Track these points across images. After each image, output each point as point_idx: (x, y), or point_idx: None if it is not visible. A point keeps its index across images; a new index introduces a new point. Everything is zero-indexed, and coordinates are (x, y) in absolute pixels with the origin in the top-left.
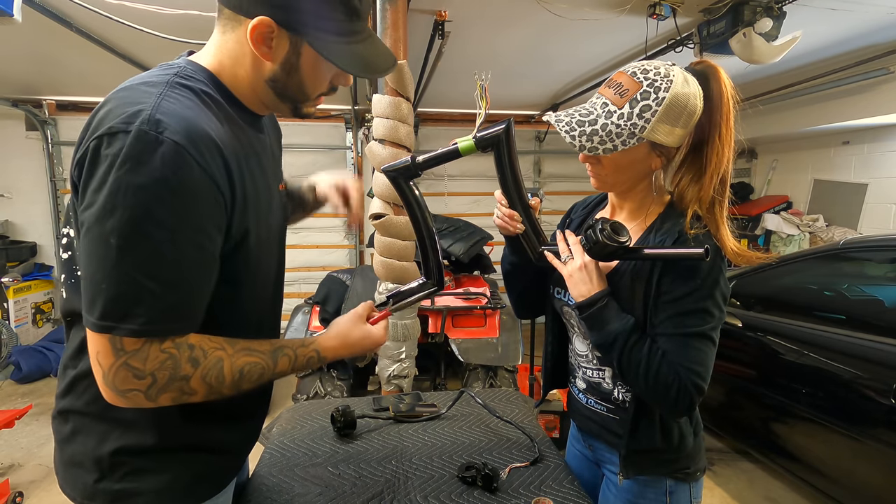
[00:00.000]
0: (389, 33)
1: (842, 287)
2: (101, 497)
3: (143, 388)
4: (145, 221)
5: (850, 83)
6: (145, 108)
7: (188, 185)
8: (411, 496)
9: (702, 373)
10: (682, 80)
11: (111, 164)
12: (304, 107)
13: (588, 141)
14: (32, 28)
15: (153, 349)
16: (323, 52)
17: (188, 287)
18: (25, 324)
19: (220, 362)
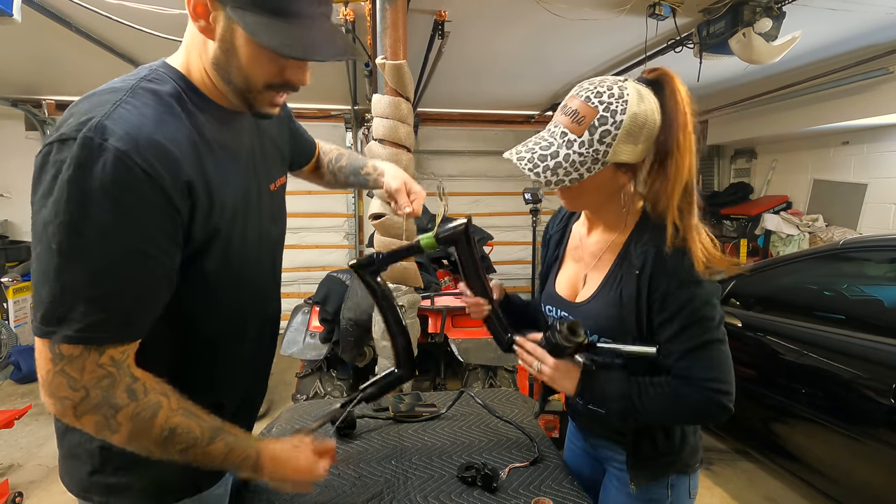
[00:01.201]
0: (389, 33)
1: (841, 287)
2: (95, 490)
3: (75, 400)
4: (86, 227)
5: (850, 83)
6: (96, 116)
7: (132, 192)
8: (411, 496)
9: (721, 377)
10: (636, 97)
11: (57, 170)
12: (253, 100)
13: (553, 175)
14: (32, 28)
15: (90, 360)
16: (246, 27)
17: (130, 294)
18: (25, 324)
19: (156, 408)
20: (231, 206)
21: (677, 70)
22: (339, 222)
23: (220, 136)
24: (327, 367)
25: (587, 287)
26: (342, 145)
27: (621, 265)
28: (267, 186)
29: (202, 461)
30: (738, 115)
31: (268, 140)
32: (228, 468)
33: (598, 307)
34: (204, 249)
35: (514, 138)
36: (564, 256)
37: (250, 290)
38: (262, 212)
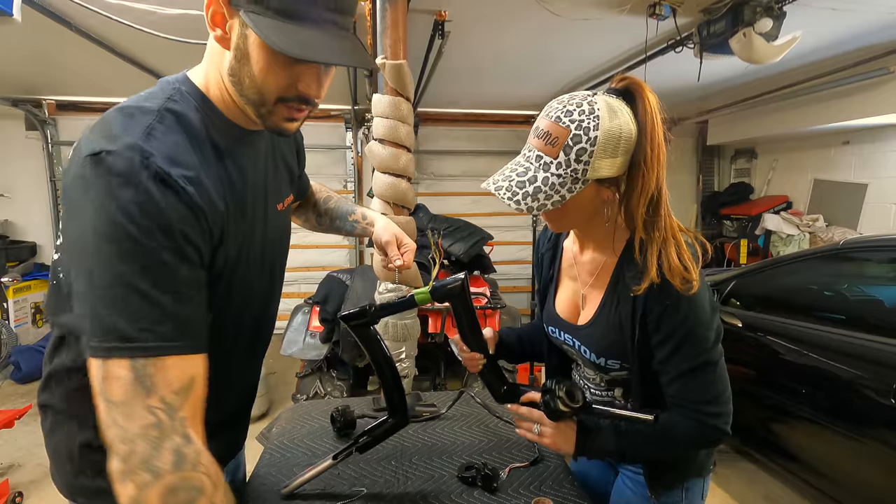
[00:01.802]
0: (389, 33)
1: (842, 287)
2: (81, 493)
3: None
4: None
5: (850, 83)
6: (134, 137)
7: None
8: (411, 496)
9: (714, 399)
10: (607, 111)
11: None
12: (267, 115)
13: (534, 201)
14: (32, 28)
15: (139, 403)
16: (256, 28)
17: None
18: (25, 324)
19: (198, 494)
20: (241, 231)
21: (678, 70)
22: None
23: (238, 161)
24: (327, 367)
25: (587, 308)
26: (342, 145)
27: (616, 286)
28: (274, 206)
29: None
30: (739, 115)
31: (280, 159)
32: None
33: (600, 330)
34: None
35: (514, 138)
36: (560, 275)
37: (248, 309)
38: (267, 233)
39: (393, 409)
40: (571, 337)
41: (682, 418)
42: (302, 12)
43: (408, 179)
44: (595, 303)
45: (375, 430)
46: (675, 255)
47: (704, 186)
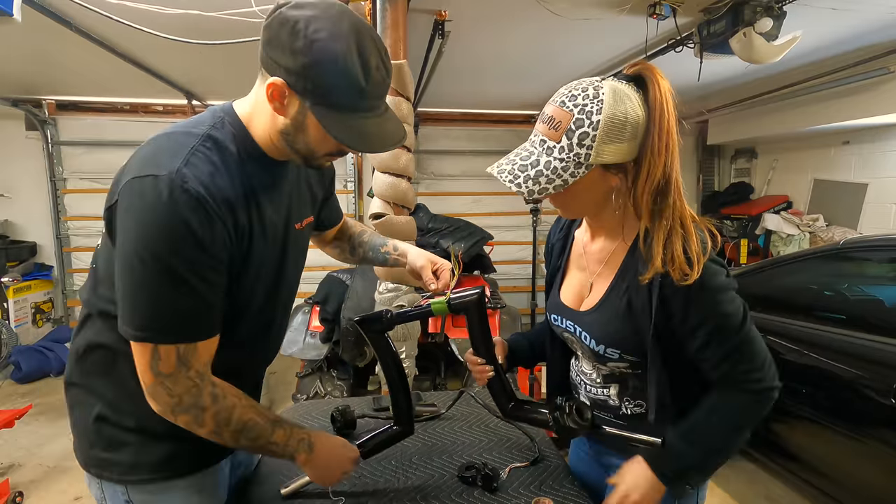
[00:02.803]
0: (389, 33)
1: (842, 287)
2: (92, 464)
3: (172, 404)
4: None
5: (851, 83)
6: (177, 162)
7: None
8: (411, 496)
9: (757, 367)
10: (612, 96)
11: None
12: (313, 161)
13: (535, 184)
14: (32, 28)
15: (182, 374)
16: (322, 121)
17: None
18: (25, 324)
19: (232, 408)
20: (263, 248)
21: (678, 70)
22: None
23: (266, 186)
24: (327, 366)
25: (592, 295)
26: None
27: (626, 273)
28: (293, 225)
29: (268, 449)
30: (739, 114)
31: (305, 184)
32: (289, 452)
33: (605, 316)
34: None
35: (514, 138)
36: (568, 265)
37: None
38: (286, 251)
39: (400, 417)
40: (573, 324)
41: (734, 396)
42: (355, 106)
43: (408, 179)
44: (601, 290)
45: (380, 437)
46: (681, 246)
47: (704, 186)
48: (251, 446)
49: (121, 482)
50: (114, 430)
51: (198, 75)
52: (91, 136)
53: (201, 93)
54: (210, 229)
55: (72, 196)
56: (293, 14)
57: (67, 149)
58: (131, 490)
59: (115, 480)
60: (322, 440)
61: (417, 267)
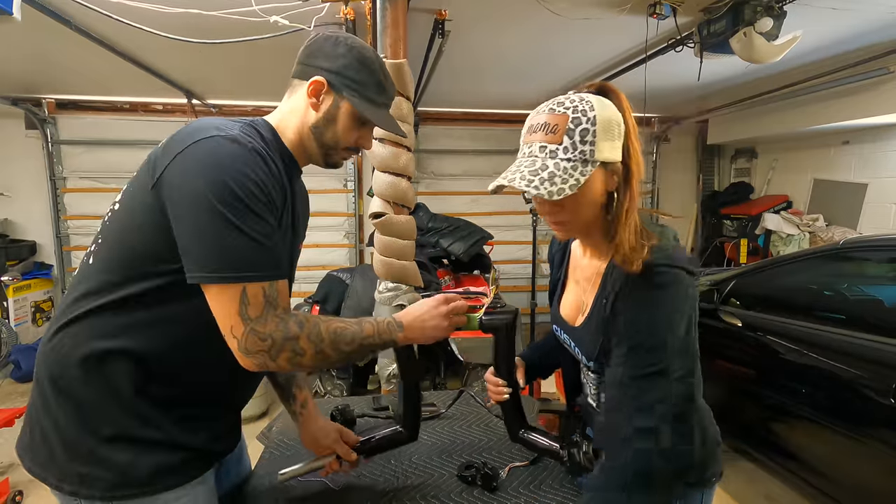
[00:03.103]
0: (389, 32)
1: (842, 287)
2: (70, 480)
3: (266, 348)
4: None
5: (851, 83)
6: (232, 129)
7: (267, 176)
8: (411, 495)
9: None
10: (596, 100)
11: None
12: (334, 154)
13: (552, 185)
14: (32, 27)
15: (270, 315)
16: (358, 108)
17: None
18: (25, 322)
19: (318, 325)
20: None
21: (678, 69)
22: (340, 221)
23: (292, 185)
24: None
25: (585, 310)
26: None
27: (605, 289)
28: (297, 243)
29: (368, 345)
30: (739, 114)
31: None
32: (385, 339)
33: (589, 334)
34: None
35: (514, 137)
36: (567, 277)
37: None
38: (292, 261)
39: (406, 423)
40: (569, 337)
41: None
42: (377, 100)
43: (408, 178)
44: (589, 306)
45: (384, 437)
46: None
47: (704, 186)
48: (353, 350)
49: (104, 499)
50: (97, 440)
51: (198, 74)
52: (91, 135)
53: (201, 92)
54: (271, 181)
55: (72, 195)
56: (331, 33)
57: (67, 148)
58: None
59: (97, 498)
60: (407, 314)
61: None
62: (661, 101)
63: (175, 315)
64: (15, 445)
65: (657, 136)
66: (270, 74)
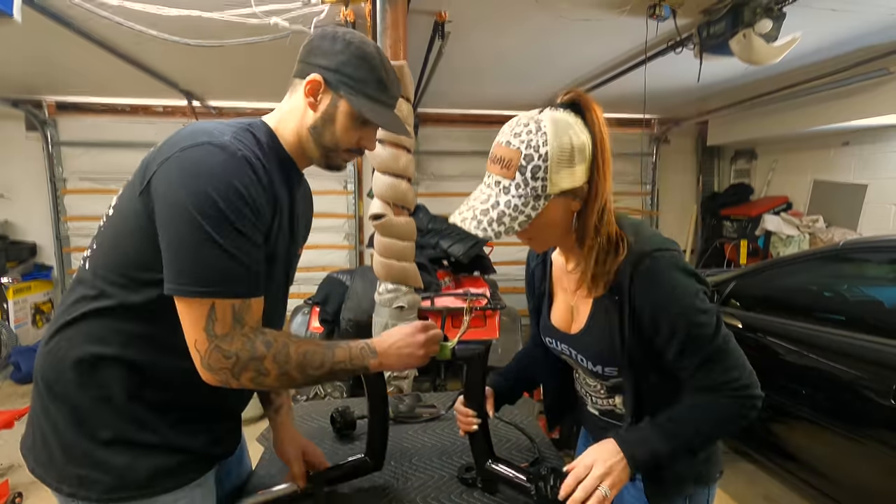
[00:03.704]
0: (389, 33)
1: (842, 288)
2: (68, 482)
3: (230, 365)
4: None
5: (850, 84)
6: (226, 135)
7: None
8: (411, 497)
9: (738, 375)
10: (552, 126)
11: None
12: (334, 156)
13: (499, 226)
14: (32, 28)
15: (237, 333)
16: (356, 106)
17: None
18: (25, 324)
19: (286, 346)
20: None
21: (677, 71)
22: (340, 223)
23: (288, 187)
24: None
25: (579, 317)
26: None
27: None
28: (297, 247)
29: (339, 370)
30: (739, 115)
31: (305, 214)
32: (357, 365)
33: (593, 338)
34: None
35: None
36: (553, 287)
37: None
38: (289, 264)
39: (373, 452)
40: (567, 346)
41: (717, 397)
42: (379, 98)
43: (408, 180)
44: (586, 312)
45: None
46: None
47: (704, 187)
48: (321, 374)
49: (100, 501)
50: (93, 444)
51: (198, 76)
52: (91, 136)
53: (201, 93)
54: (259, 191)
55: (72, 196)
56: (331, 29)
57: (67, 149)
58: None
59: (94, 500)
60: (383, 341)
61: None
62: (661, 103)
63: (168, 323)
64: (20, 445)
65: (657, 138)
66: (270, 76)
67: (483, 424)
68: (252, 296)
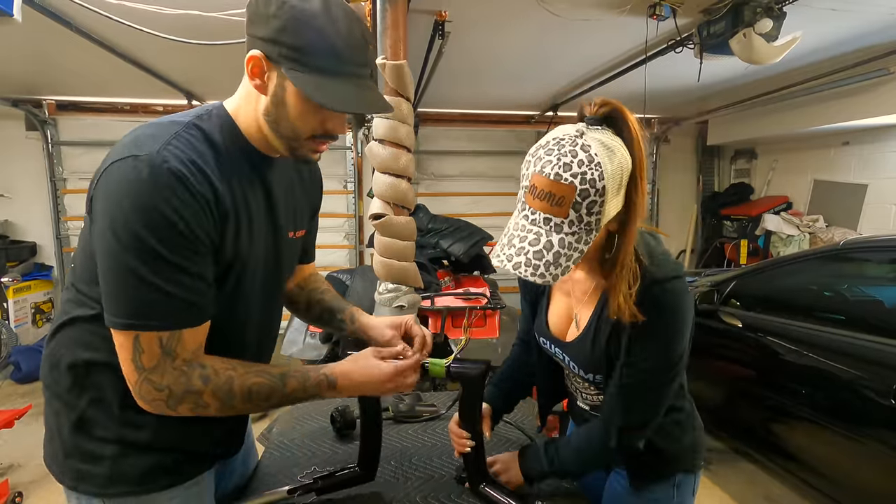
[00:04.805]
0: (389, 33)
1: (842, 288)
2: (69, 475)
3: (164, 398)
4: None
5: (850, 84)
6: (159, 143)
7: (187, 205)
8: (411, 496)
9: (626, 411)
10: (605, 154)
11: (131, 184)
12: (297, 147)
13: (557, 268)
14: (32, 28)
15: (167, 365)
16: (296, 83)
17: (191, 286)
18: (25, 324)
19: (230, 381)
20: (250, 242)
21: (678, 70)
22: (340, 223)
23: (251, 180)
24: None
25: (578, 326)
26: (342, 145)
27: (603, 308)
28: (286, 233)
29: (292, 400)
30: (739, 115)
31: (303, 194)
32: (312, 396)
33: (587, 349)
34: (218, 277)
35: (514, 138)
36: (552, 289)
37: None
38: (276, 255)
39: (366, 462)
40: (561, 351)
41: (604, 434)
42: (333, 69)
43: (408, 179)
44: (585, 320)
45: (339, 475)
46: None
47: (704, 187)
48: (273, 404)
49: (99, 495)
50: (91, 441)
51: (198, 75)
52: (91, 136)
53: (201, 93)
54: (191, 208)
55: (72, 196)
56: None
57: (67, 149)
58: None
59: (92, 494)
60: (345, 375)
61: (384, 341)
62: (661, 102)
63: None
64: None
65: (657, 137)
66: None
67: (478, 446)
68: (183, 327)
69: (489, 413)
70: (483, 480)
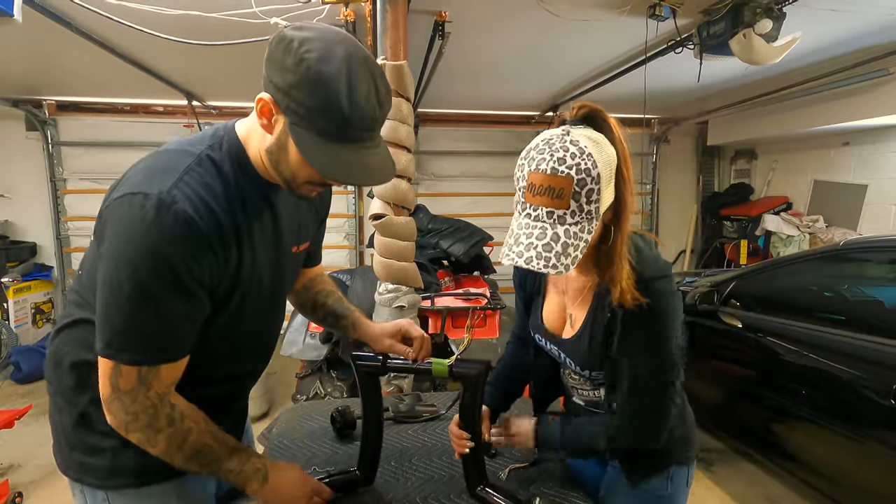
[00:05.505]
0: (389, 34)
1: (842, 288)
2: (73, 468)
3: (127, 420)
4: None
5: (850, 84)
6: (169, 181)
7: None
8: (411, 497)
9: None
10: (593, 146)
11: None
12: (295, 187)
13: (566, 258)
14: (32, 28)
15: (141, 393)
16: (296, 142)
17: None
18: (25, 324)
19: (188, 432)
20: (253, 268)
21: (677, 71)
22: (340, 223)
23: (259, 210)
24: (327, 367)
25: (573, 324)
26: None
27: (598, 306)
28: (290, 248)
29: (223, 475)
30: (739, 115)
31: (307, 207)
32: (242, 480)
33: (584, 346)
34: (221, 303)
35: (514, 139)
36: (547, 287)
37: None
38: (278, 272)
39: (365, 464)
40: (557, 348)
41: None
42: (337, 134)
43: (408, 180)
44: (579, 319)
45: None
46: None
47: (704, 187)
48: (202, 471)
49: (101, 487)
50: (92, 435)
51: (198, 76)
52: (91, 136)
53: (201, 93)
54: (195, 253)
55: (72, 196)
56: (291, 33)
57: (67, 149)
58: (111, 495)
59: (94, 486)
60: (279, 473)
61: (383, 348)
62: (661, 103)
63: None
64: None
65: (657, 138)
66: None
67: (476, 448)
68: (161, 363)
69: (487, 414)
70: (481, 483)
